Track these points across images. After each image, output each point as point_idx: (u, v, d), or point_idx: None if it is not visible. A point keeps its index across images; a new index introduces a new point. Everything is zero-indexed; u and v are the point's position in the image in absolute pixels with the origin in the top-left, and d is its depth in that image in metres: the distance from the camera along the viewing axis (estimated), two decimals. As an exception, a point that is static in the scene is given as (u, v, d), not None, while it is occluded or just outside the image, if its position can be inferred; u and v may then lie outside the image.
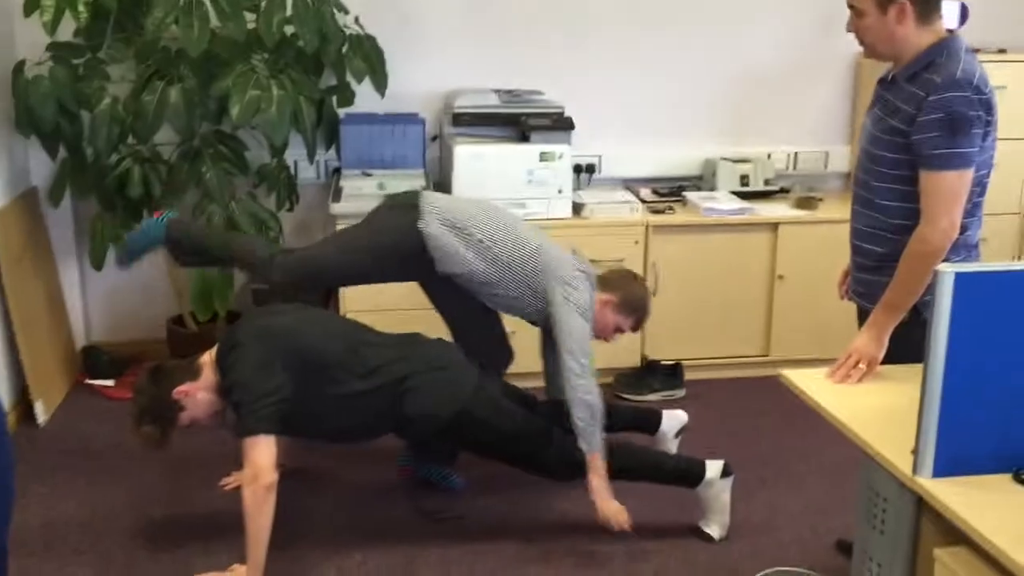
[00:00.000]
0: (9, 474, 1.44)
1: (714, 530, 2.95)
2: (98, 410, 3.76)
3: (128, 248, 3.19)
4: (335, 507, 3.12)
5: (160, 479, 3.27)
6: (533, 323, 3.19)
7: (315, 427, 2.87)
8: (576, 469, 2.93)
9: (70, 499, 3.14)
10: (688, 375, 4.03)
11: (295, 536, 2.90)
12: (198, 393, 2.76)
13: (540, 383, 3.31)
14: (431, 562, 2.83)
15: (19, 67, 3.56)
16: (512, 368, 3.27)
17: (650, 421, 3.32)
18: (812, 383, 2.24)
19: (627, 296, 3.11)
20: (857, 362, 2.28)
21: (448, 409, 2.85)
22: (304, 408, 2.74)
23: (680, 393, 3.97)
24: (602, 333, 3.13)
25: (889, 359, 2.32)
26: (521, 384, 3.20)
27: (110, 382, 3.96)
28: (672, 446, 3.27)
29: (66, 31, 3.57)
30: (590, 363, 2.89)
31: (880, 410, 2.09)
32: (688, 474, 2.96)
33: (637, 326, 3.18)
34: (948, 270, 1.70)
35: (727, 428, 3.70)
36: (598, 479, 2.84)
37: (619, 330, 3.15)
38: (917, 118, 2.24)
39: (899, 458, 1.87)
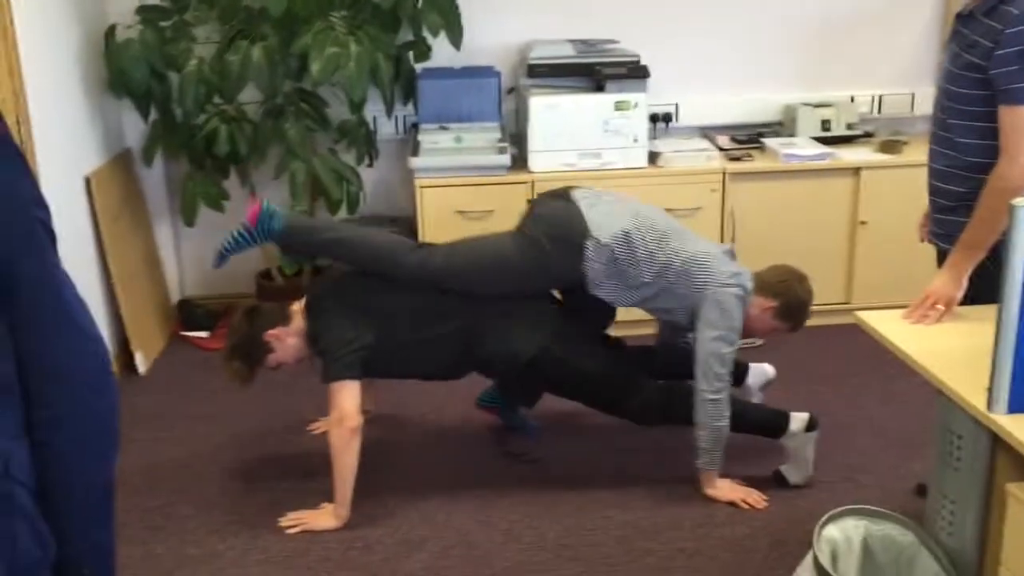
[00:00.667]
0: (115, 417, 1.54)
1: (792, 475, 2.96)
2: (194, 360, 3.94)
3: (227, 252, 2.98)
4: (418, 451, 3.23)
5: (255, 425, 3.42)
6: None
7: (400, 368, 2.97)
8: (660, 416, 2.97)
9: (170, 443, 3.31)
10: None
11: (379, 480, 3.01)
12: (288, 338, 2.88)
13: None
14: (508, 501, 2.92)
15: (110, 31, 3.71)
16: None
17: (735, 373, 3.31)
18: (889, 324, 2.23)
19: (789, 303, 2.95)
20: (935, 303, 2.26)
21: (528, 348, 2.88)
22: (387, 352, 2.83)
23: (760, 341, 3.95)
24: (755, 335, 3.05)
25: (969, 300, 2.30)
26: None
27: (205, 334, 4.14)
28: (756, 399, 3.27)
29: (153, -6, 3.71)
30: (727, 379, 2.81)
31: (956, 350, 2.08)
32: (772, 425, 2.97)
33: (795, 330, 3.03)
34: (1023, 204, 1.67)
35: (809, 376, 3.68)
36: (713, 490, 2.88)
37: (775, 332, 3.03)
38: (995, 51, 2.18)
39: (974, 395, 1.86)
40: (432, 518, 2.85)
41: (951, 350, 2.08)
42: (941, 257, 2.52)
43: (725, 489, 2.88)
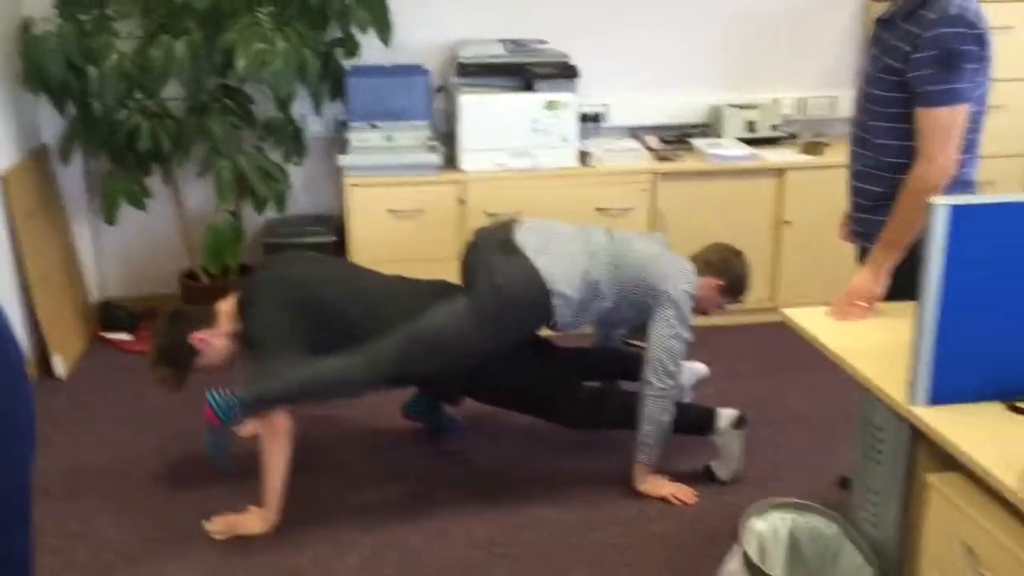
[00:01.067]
0: (30, 417, 1.49)
1: (721, 471, 3.01)
2: (116, 363, 3.84)
3: (217, 453, 2.98)
4: (349, 451, 3.20)
5: (180, 427, 3.34)
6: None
7: None
8: (591, 420, 2.99)
9: (92, 448, 3.22)
10: (696, 322, 4.05)
11: (309, 480, 2.97)
12: (215, 340, 2.82)
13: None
14: (441, 500, 2.90)
15: (26, 24, 3.59)
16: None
17: None
18: (813, 320, 2.28)
19: (733, 278, 3.07)
20: (857, 299, 2.31)
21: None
22: (319, 353, 2.78)
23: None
24: (702, 312, 3.09)
25: (890, 297, 2.36)
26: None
27: (127, 335, 4.03)
28: (687, 398, 3.31)
29: (72, -13, 3.60)
30: (677, 376, 2.86)
31: (878, 345, 2.13)
32: (700, 422, 3.01)
33: (740, 301, 3.18)
34: (941, 203, 1.72)
35: (735, 373, 3.74)
36: (645, 486, 2.90)
37: (720, 307, 3.14)
38: (911, 55, 2.25)
39: (895, 389, 1.90)
40: (364, 519, 2.82)
41: (873, 345, 2.13)
42: (862, 255, 2.59)
43: (656, 485, 2.91)
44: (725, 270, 3.06)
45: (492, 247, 2.90)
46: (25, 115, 3.86)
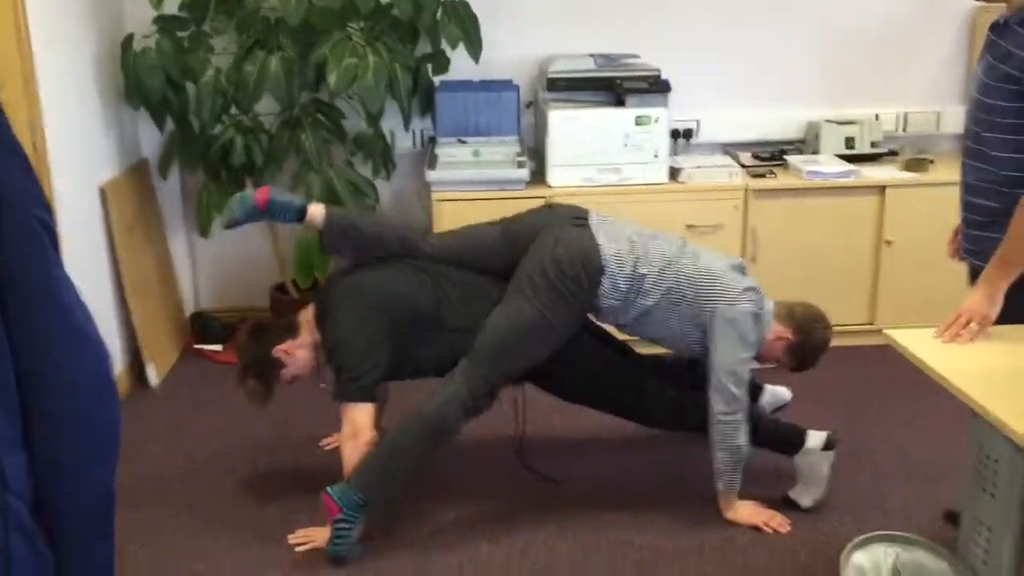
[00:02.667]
0: (115, 424, 1.48)
1: (804, 500, 2.86)
2: (207, 373, 3.89)
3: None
4: (433, 465, 3.15)
5: (267, 438, 3.36)
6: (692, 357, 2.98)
7: (408, 371, 2.88)
8: (674, 420, 2.91)
9: (181, 456, 3.26)
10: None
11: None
12: (297, 351, 2.83)
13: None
14: (525, 520, 2.84)
15: (128, 41, 3.69)
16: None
17: (750, 392, 3.23)
18: (919, 342, 2.15)
19: (806, 341, 2.85)
20: (968, 321, 2.18)
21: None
22: (397, 360, 2.77)
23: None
24: (760, 359, 2.93)
25: (1002, 319, 2.22)
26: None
27: (218, 347, 4.09)
28: None
29: (171, 5, 3.69)
30: (743, 399, 2.72)
31: (991, 370, 2.00)
32: (787, 440, 2.89)
33: (798, 371, 2.94)
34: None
35: (831, 397, 3.60)
36: (734, 514, 2.79)
37: (778, 364, 2.94)
38: None
39: (1013, 419, 1.78)
40: (446, 535, 2.78)
41: (986, 371, 2.00)
42: (973, 274, 2.44)
43: (747, 512, 2.80)
44: (802, 328, 2.85)
45: (563, 220, 2.88)
46: (126, 130, 3.96)
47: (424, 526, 2.82)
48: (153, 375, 3.78)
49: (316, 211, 2.86)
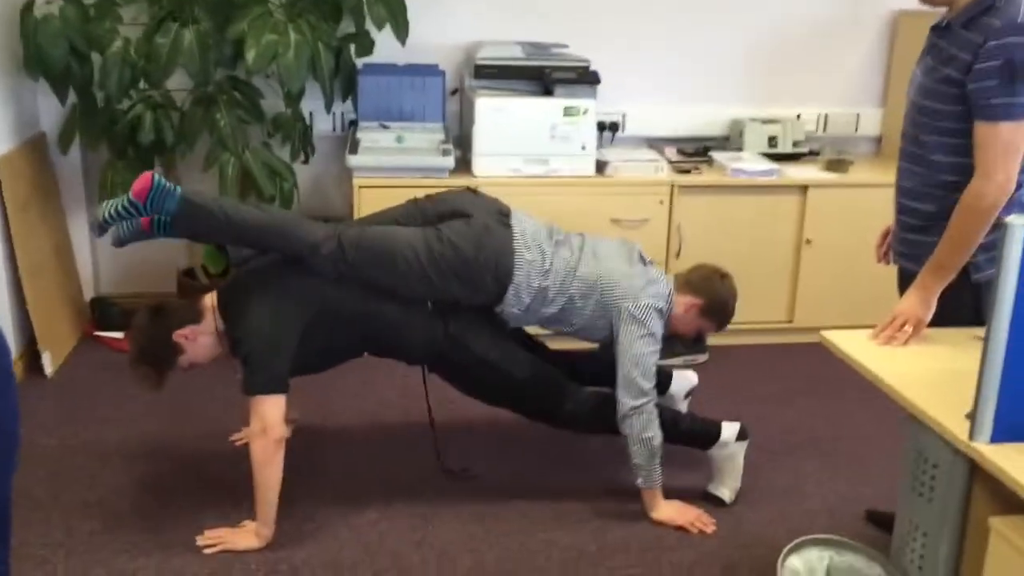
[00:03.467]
0: (14, 420, 1.34)
1: (724, 493, 2.87)
2: (107, 362, 3.68)
3: (107, 223, 2.58)
4: (347, 463, 3.04)
5: (170, 432, 3.19)
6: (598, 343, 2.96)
7: (312, 364, 2.76)
8: (592, 421, 2.85)
9: (77, 451, 3.06)
10: (711, 340, 3.92)
11: (306, 493, 2.82)
12: (198, 337, 2.67)
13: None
14: (445, 520, 2.75)
15: (28, 6, 3.44)
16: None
17: (658, 382, 3.22)
18: (856, 345, 2.13)
19: (713, 299, 2.88)
20: (903, 324, 2.17)
21: (441, 341, 2.77)
22: (304, 349, 2.63)
23: (703, 358, 3.87)
24: (682, 334, 2.97)
25: (935, 322, 2.22)
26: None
27: (119, 334, 3.86)
28: (682, 407, 3.17)
29: (77, -31, 3.46)
30: (651, 392, 2.71)
31: (928, 373, 1.99)
32: (703, 435, 2.88)
33: (720, 328, 2.98)
34: (1020, 222, 1.58)
35: (751, 394, 3.61)
36: (658, 514, 2.75)
37: (700, 332, 2.97)
38: (974, 65, 2.11)
39: (952, 422, 1.77)
40: (363, 538, 2.67)
41: (922, 373, 1.99)
42: (904, 278, 2.45)
43: (672, 511, 2.76)
44: (704, 289, 2.89)
45: (491, 211, 2.82)
46: (24, 101, 3.71)
47: (340, 531, 2.70)
48: (48, 363, 3.55)
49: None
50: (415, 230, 2.74)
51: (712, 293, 2.90)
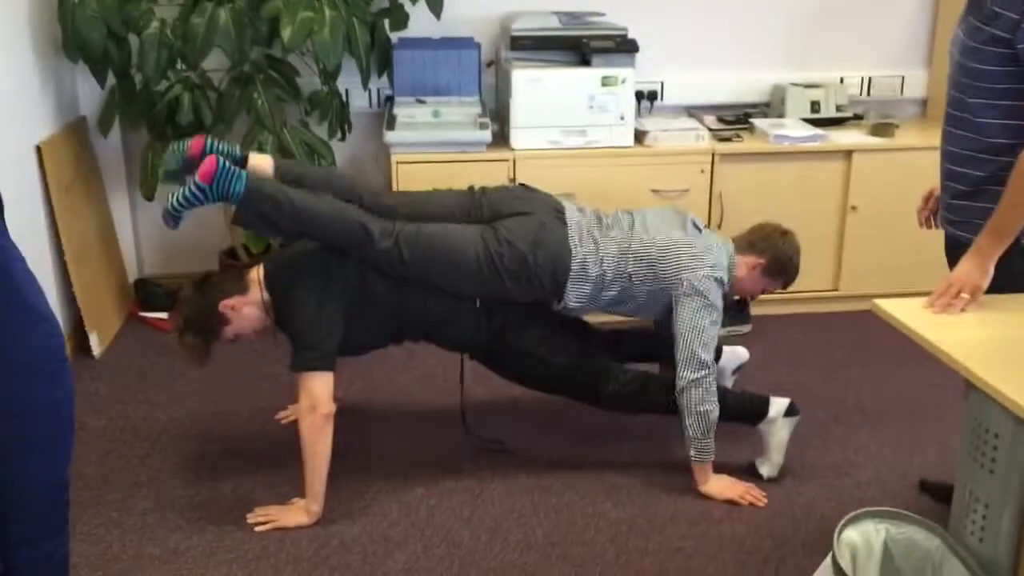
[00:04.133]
0: (70, 406, 1.35)
1: (764, 469, 2.83)
2: (152, 342, 3.72)
3: (178, 212, 2.60)
4: (395, 440, 3.05)
5: (218, 411, 3.22)
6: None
7: (357, 344, 2.77)
8: (637, 404, 2.84)
9: (127, 432, 3.10)
10: (754, 310, 3.87)
11: (355, 469, 2.83)
12: (244, 308, 2.68)
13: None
14: (494, 495, 2.75)
15: (65, -11, 3.45)
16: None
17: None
18: (911, 313, 2.08)
19: (776, 257, 2.88)
20: (959, 291, 2.12)
21: (481, 334, 2.77)
22: (350, 330, 2.65)
23: (746, 328, 3.81)
24: (748, 295, 2.98)
25: (992, 289, 2.16)
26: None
27: (164, 315, 3.89)
28: (728, 383, 3.14)
29: (112, -49, 3.45)
30: (711, 364, 2.70)
31: (988, 342, 1.95)
32: (750, 411, 2.84)
33: (787, 285, 2.98)
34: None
35: (795, 365, 3.56)
36: (707, 487, 2.73)
37: (765, 292, 2.97)
38: (1022, 23, 2.04)
39: (1015, 391, 1.72)
40: (413, 514, 2.68)
41: (982, 342, 1.94)
42: (952, 244, 2.39)
43: (722, 486, 2.74)
44: (767, 249, 2.89)
45: (547, 208, 2.80)
46: (64, 85, 3.73)
47: (389, 507, 2.71)
48: (96, 345, 3.59)
49: (262, 161, 2.70)
50: (472, 230, 2.73)
51: (775, 250, 2.89)
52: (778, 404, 2.83)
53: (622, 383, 2.82)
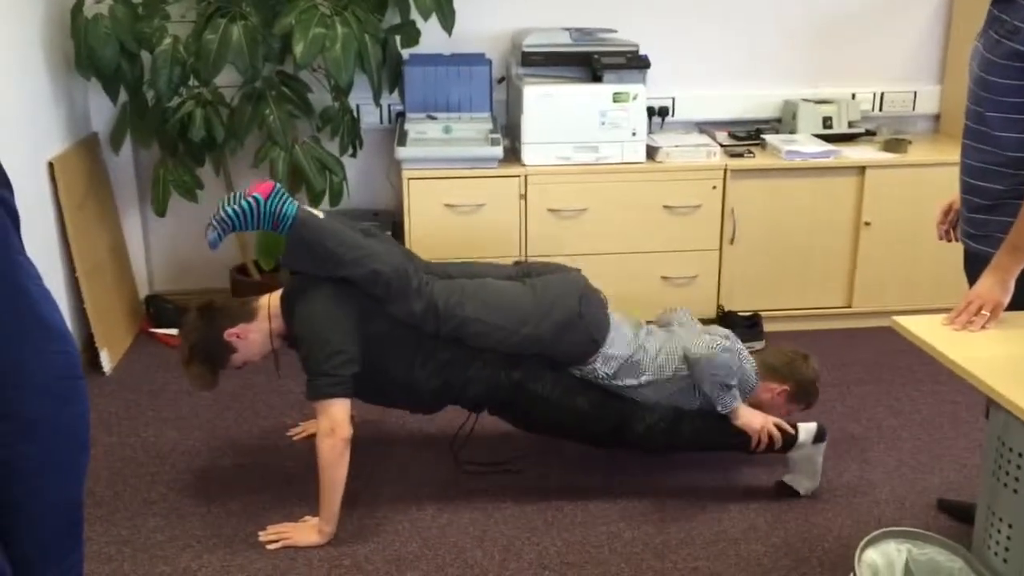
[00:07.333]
0: (85, 427, 1.34)
1: (801, 485, 2.80)
2: (163, 359, 3.71)
3: (226, 226, 2.59)
4: (407, 460, 3.03)
5: (229, 428, 3.20)
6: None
7: (374, 393, 2.75)
8: (667, 441, 2.79)
9: (138, 449, 3.08)
10: (767, 327, 3.87)
11: (367, 488, 2.81)
12: (251, 335, 2.67)
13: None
14: (507, 515, 2.72)
15: (78, 6, 3.46)
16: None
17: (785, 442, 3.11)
18: (931, 330, 2.06)
19: (800, 384, 2.87)
20: (980, 308, 2.10)
21: (505, 384, 2.72)
22: (366, 377, 2.61)
23: (759, 345, 3.80)
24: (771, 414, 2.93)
25: (1012, 306, 2.14)
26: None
27: (174, 331, 3.89)
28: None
29: (125, -31, 3.46)
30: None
31: (1009, 359, 1.92)
32: (781, 439, 2.79)
33: (809, 407, 2.95)
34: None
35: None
36: (740, 420, 2.72)
37: (790, 413, 2.90)
38: None
39: (1039, 410, 1.70)
40: (425, 533, 2.65)
41: (1004, 359, 1.92)
42: (971, 259, 2.37)
43: (750, 416, 2.72)
44: (790, 375, 2.86)
45: (599, 302, 2.80)
46: (76, 101, 3.74)
47: (401, 526, 2.69)
48: (107, 361, 3.58)
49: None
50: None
51: (798, 376, 2.87)
52: (806, 430, 2.78)
53: (652, 421, 2.75)
